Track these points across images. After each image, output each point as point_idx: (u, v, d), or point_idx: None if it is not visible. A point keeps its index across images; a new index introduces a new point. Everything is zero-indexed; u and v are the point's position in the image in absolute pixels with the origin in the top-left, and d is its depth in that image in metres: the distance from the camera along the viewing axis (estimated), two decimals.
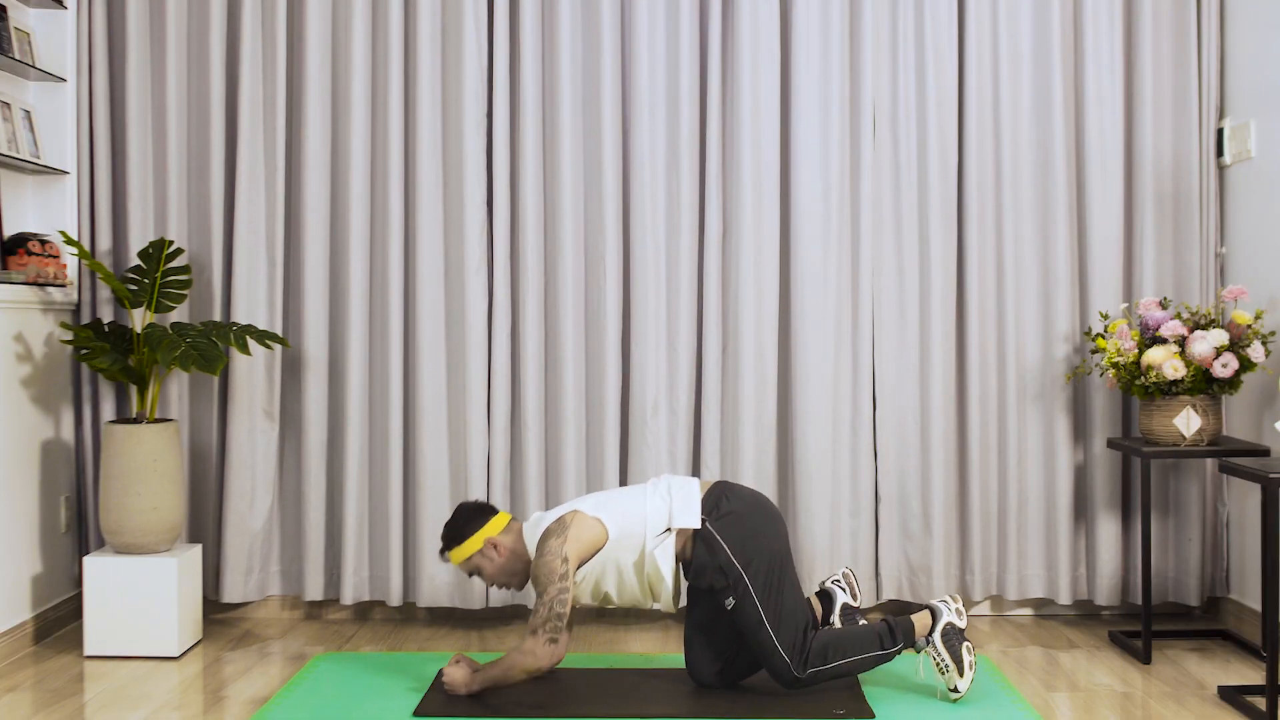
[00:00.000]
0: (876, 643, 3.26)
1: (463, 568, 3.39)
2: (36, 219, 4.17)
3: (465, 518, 3.37)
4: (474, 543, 3.35)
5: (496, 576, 3.38)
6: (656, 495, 3.30)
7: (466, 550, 3.35)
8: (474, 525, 3.36)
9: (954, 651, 3.26)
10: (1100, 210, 4.16)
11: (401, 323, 4.19)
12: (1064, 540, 4.17)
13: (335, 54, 4.20)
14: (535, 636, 3.16)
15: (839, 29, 4.15)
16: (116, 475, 3.78)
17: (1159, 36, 4.17)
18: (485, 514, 3.38)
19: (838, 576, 3.49)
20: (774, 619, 3.19)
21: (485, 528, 3.36)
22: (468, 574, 3.45)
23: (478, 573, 3.39)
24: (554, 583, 3.16)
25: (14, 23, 4.01)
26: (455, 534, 3.36)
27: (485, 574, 3.38)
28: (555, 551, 3.18)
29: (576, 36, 4.15)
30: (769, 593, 3.20)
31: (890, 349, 4.18)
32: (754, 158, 4.13)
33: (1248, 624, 3.97)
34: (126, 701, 3.37)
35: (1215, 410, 3.78)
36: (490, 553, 3.36)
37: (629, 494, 3.33)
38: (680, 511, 3.24)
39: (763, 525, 3.26)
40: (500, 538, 3.36)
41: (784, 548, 3.28)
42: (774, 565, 3.23)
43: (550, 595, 3.15)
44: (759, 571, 3.20)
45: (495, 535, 3.36)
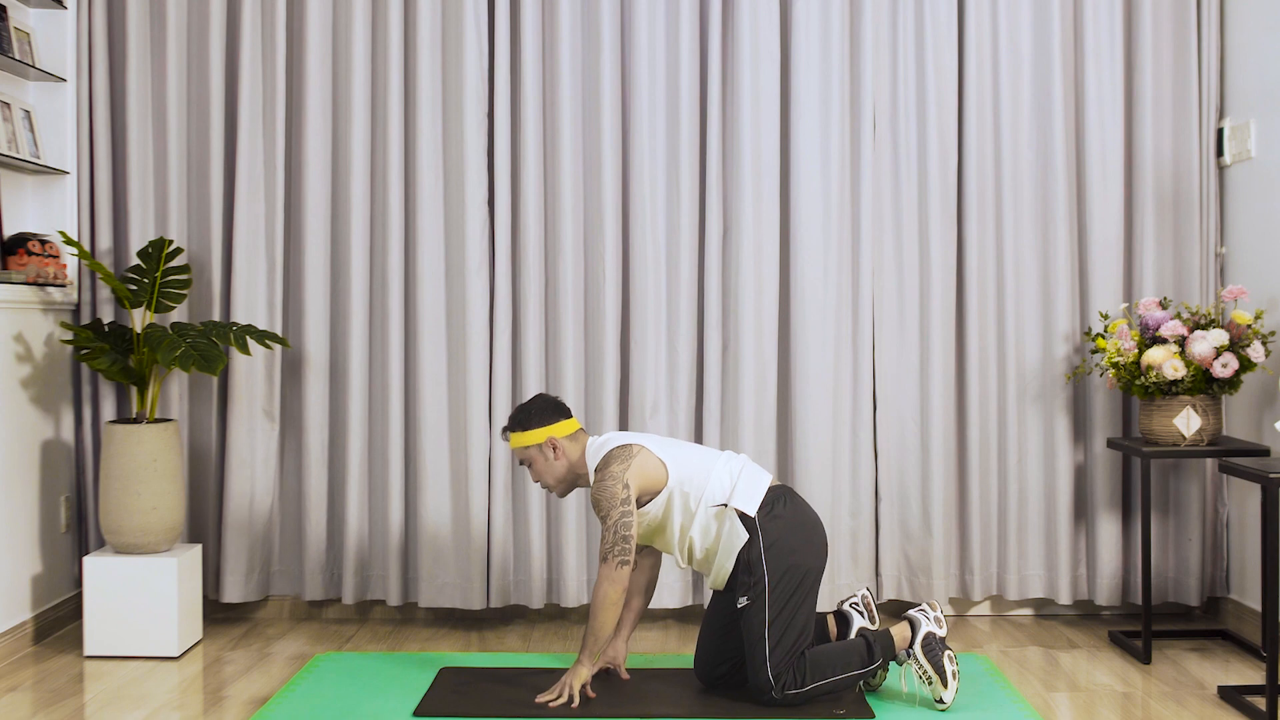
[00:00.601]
0: (855, 660, 3.24)
1: (517, 454, 3.38)
2: (36, 219, 4.17)
3: (538, 409, 3.36)
4: (537, 435, 3.33)
5: (543, 475, 3.37)
6: (725, 467, 3.28)
7: (527, 439, 3.33)
8: (543, 419, 3.34)
9: (935, 661, 3.24)
10: (1100, 210, 4.16)
11: (402, 322, 4.19)
12: (1064, 540, 4.17)
13: (335, 54, 4.20)
14: (608, 562, 3.15)
15: (839, 29, 4.15)
16: (116, 475, 3.78)
17: (1159, 36, 4.17)
18: (558, 413, 3.36)
19: (855, 599, 3.47)
20: (776, 635, 3.16)
21: (553, 426, 3.34)
22: (519, 461, 3.43)
23: (529, 464, 3.37)
24: (616, 507, 3.16)
25: (14, 23, 4.01)
26: (523, 420, 3.35)
27: (535, 468, 3.37)
28: (617, 476, 3.18)
29: (576, 36, 4.15)
30: (784, 608, 3.17)
31: (890, 349, 4.18)
32: (754, 158, 4.13)
33: (1248, 624, 3.97)
34: (126, 701, 3.37)
35: (1215, 410, 3.78)
36: (548, 451, 3.34)
37: (699, 452, 3.32)
38: (742, 494, 3.23)
39: (806, 541, 3.24)
40: (563, 442, 3.34)
41: (817, 569, 3.25)
42: (801, 583, 3.20)
43: (614, 519, 3.15)
44: (784, 584, 3.18)
45: (559, 438, 3.34)
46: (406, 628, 4.20)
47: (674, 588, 4.13)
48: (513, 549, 4.18)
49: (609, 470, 3.20)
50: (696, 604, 4.22)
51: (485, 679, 3.50)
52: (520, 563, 4.17)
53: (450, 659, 3.75)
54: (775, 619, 3.16)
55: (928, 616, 3.30)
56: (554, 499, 4.16)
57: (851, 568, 4.15)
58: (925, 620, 3.29)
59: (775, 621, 3.16)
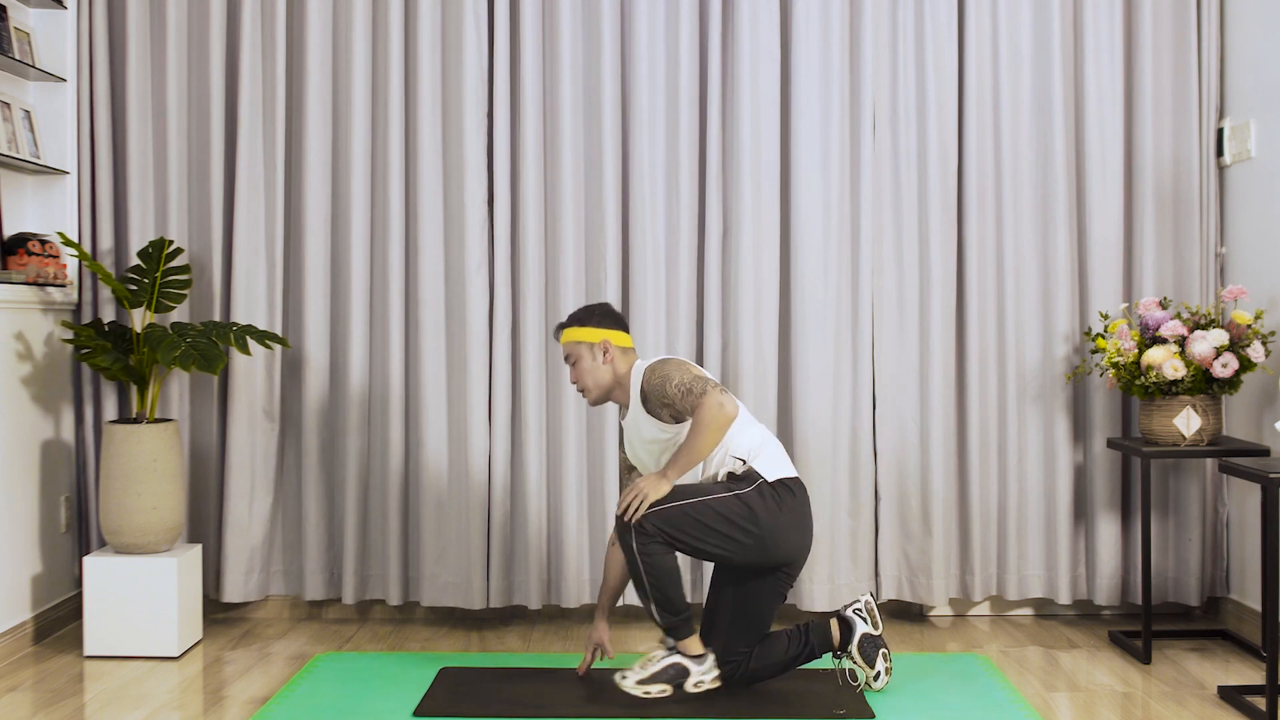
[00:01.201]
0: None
1: (566, 348, 3.39)
2: (36, 219, 4.17)
3: (603, 311, 3.39)
4: (593, 334, 3.34)
5: (585, 375, 3.36)
6: (762, 431, 3.32)
7: (582, 335, 3.35)
8: (605, 322, 3.37)
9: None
10: (1100, 210, 4.16)
11: (402, 322, 4.19)
12: (1064, 540, 4.17)
13: (335, 54, 4.20)
14: (707, 394, 3.17)
15: (839, 29, 4.15)
16: (116, 475, 3.78)
17: (1159, 36, 4.17)
18: (619, 324, 3.39)
19: (859, 605, 3.43)
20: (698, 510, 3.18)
21: (611, 332, 3.36)
22: (564, 356, 3.42)
23: (575, 361, 3.37)
24: (687, 371, 3.22)
25: (14, 23, 4.01)
26: (584, 317, 3.38)
27: (579, 367, 3.37)
28: (679, 365, 3.25)
29: (577, 37, 4.15)
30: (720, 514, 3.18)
31: (890, 349, 4.18)
32: (754, 158, 4.13)
33: (1248, 624, 3.97)
34: (126, 701, 3.37)
35: (1215, 410, 3.78)
36: (599, 353, 3.35)
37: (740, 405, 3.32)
38: (766, 460, 3.25)
39: (793, 526, 3.24)
40: (616, 349, 3.36)
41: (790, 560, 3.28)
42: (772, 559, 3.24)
43: (691, 375, 3.21)
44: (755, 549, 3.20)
45: (614, 344, 3.35)
46: (406, 628, 4.20)
47: None
48: (513, 549, 4.18)
49: (667, 363, 3.25)
50: (695, 603, 4.21)
51: (485, 679, 3.50)
52: (520, 563, 4.17)
53: (450, 659, 3.75)
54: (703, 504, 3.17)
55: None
56: (554, 499, 4.16)
57: (851, 568, 4.15)
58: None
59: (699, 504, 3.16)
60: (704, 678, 3.27)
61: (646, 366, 3.32)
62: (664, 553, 3.17)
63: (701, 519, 3.17)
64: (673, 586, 3.20)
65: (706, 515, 3.17)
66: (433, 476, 4.14)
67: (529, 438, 4.13)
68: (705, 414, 3.16)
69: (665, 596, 3.20)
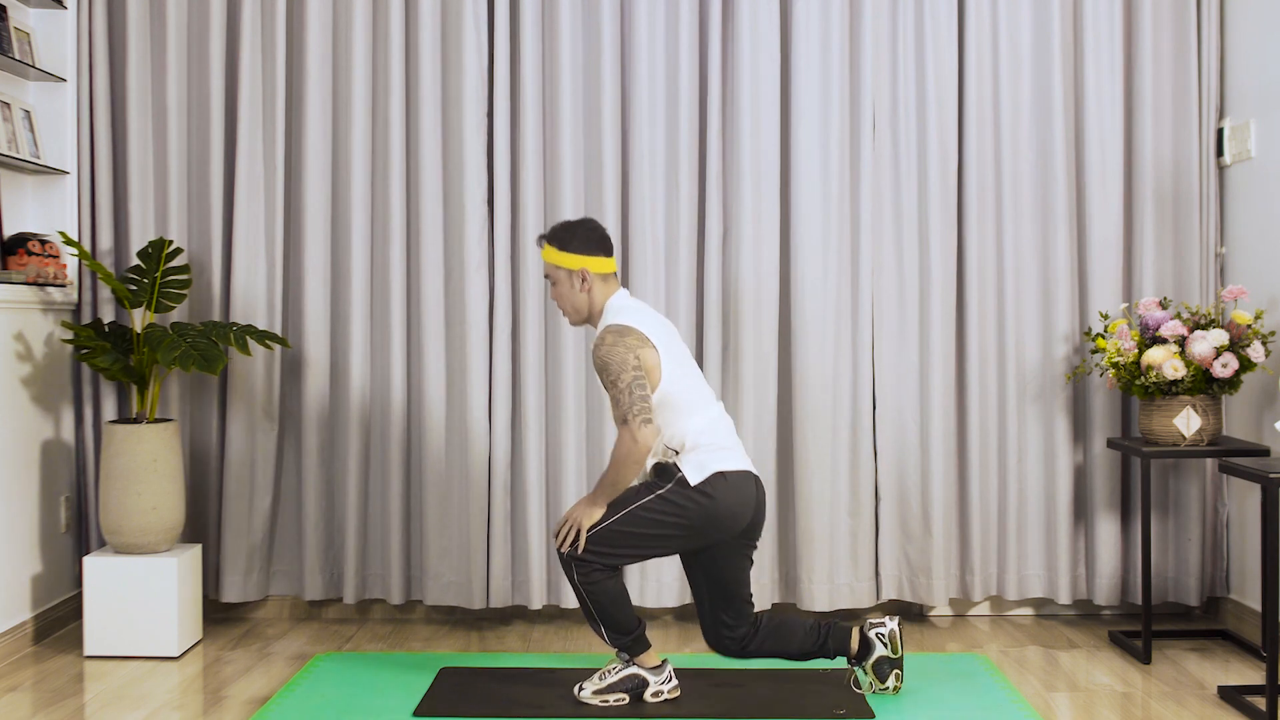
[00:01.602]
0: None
1: (546, 267, 3.33)
2: (36, 219, 4.17)
3: (584, 235, 3.29)
4: (572, 260, 3.27)
5: (562, 298, 3.32)
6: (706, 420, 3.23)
7: (561, 260, 3.27)
8: (586, 247, 3.28)
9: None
10: (1100, 210, 4.16)
11: (402, 322, 4.19)
12: (1064, 540, 4.17)
13: (335, 54, 4.20)
14: (629, 424, 3.10)
15: (839, 29, 4.15)
16: (116, 475, 3.78)
17: (1159, 36, 4.17)
18: (602, 249, 3.29)
19: (884, 631, 3.34)
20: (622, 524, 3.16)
21: (592, 259, 3.27)
22: (545, 275, 3.38)
23: (553, 281, 3.32)
24: (626, 370, 3.11)
25: (14, 23, 4.01)
26: (564, 239, 3.29)
27: (557, 288, 3.32)
28: (630, 348, 3.13)
29: (576, 36, 4.15)
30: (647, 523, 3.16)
31: (890, 349, 4.18)
32: (754, 158, 4.13)
33: (1248, 624, 3.97)
34: (126, 702, 3.37)
35: (1215, 410, 3.78)
36: (576, 280, 3.28)
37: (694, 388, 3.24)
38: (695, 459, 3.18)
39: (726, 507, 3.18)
40: (595, 278, 3.28)
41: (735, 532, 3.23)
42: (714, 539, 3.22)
43: (627, 381, 3.11)
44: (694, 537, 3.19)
45: (593, 273, 3.29)
46: (406, 628, 4.20)
47: (673, 587, 4.13)
48: (512, 549, 4.17)
49: (623, 340, 3.14)
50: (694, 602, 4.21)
51: (485, 679, 3.51)
52: (520, 563, 4.17)
53: (450, 659, 3.75)
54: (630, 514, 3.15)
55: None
56: (554, 498, 4.16)
57: (851, 568, 4.15)
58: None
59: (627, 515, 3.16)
60: (662, 688, 3.29)
61: (599, 334, 3.20)
62: (606, 578, 3.19)
63: (634, 529, 3.16)
64: (620, 610, 3.23)
65: (637, 524, 3.17)
66: (433, 476, 4.14)
67: (529, 437, 4.13)
68: (619, 450, 3.13)
69: (614, 620, 3.23)
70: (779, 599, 4.21)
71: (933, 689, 3.43)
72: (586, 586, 3.18)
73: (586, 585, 3.18)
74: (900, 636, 3.33)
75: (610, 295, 3.31)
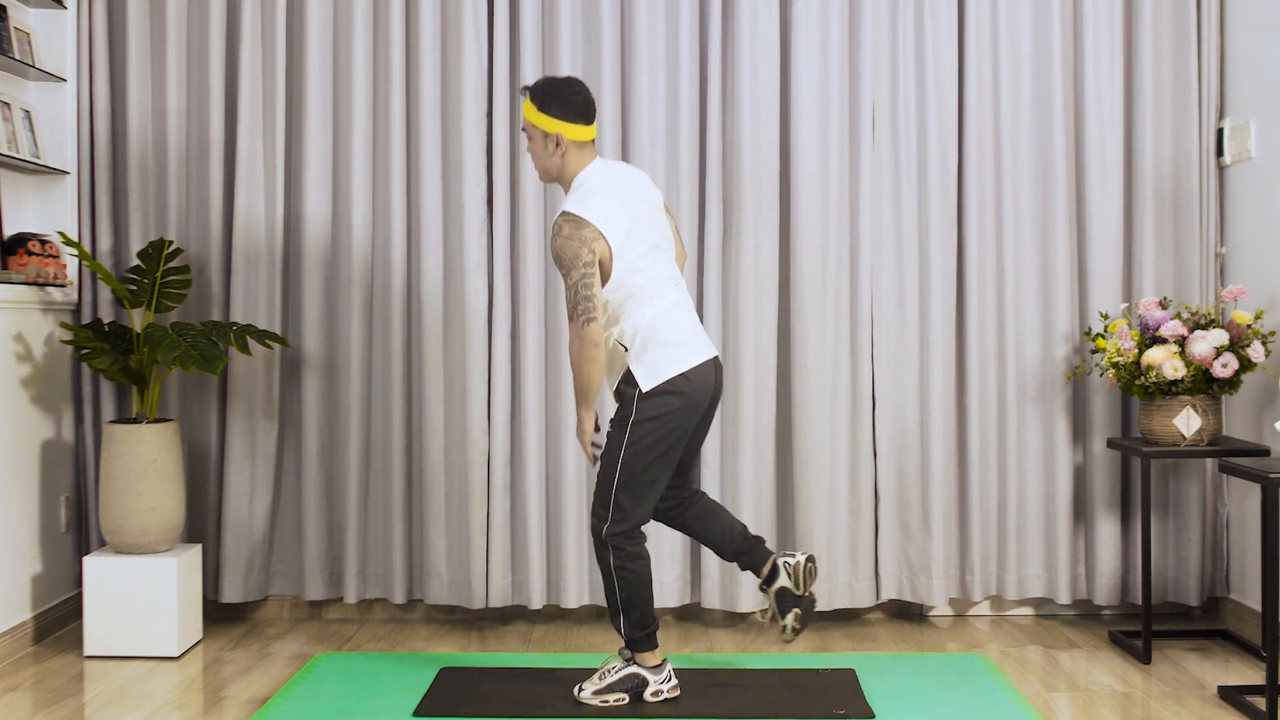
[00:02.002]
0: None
1: (524, 122, 3.29)
2: (36, 219, 4.17)
3: (563, 98, 3.23)
4: (548, 123, 3.23)
5: (536, 155, 3.30)
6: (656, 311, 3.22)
7: (538, 120, 3.24)
8: (563, 112, 3.22)
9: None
10: (1100, 210, 4.16)
11: (402, 321, 4.19)
12: (1063, 540, 4.17)
13: (335, 54, 4.20)
14: (574, 321, 3.14)
15: (839, 29, 4.15)
16: (116, 475, 3.78)
17: (1159, 36, 4.17)
18: (581, 115, 3.23)
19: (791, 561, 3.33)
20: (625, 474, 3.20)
21: (567, 126, 3.22)
22: (522, 128, 3.35)
23: (529, 138, 3.29)
24: (577, 267, 3.11)
25: (14, 23, 4.01)
26: (544, 100, 3.23)
27: (532, 144, 3.29)
28: (584, 241, 3.11)
29: (576, 37, 4.15)
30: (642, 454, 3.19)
31: (890, 348, 4.18)
32: (754, 158, 4.12)
33: (1248, 624, 3.97)
34: (126, 701, 3.37)
35: (1215, 410, 3.78)
36: (550, 144, 3.24)
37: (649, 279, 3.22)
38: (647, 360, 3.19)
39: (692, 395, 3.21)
40: (569, 145, 3.24)
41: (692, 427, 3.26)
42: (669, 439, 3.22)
43: (575, 279, 3.11)
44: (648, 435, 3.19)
45: (567, 139, 3.23)
46: (407, 628, 4.20)
47: (673, 586, 4.13)
48: (512, 548, 4.18)
49: (579, 233, 3.12)
50: (694, 602, 4.22)
51: (485, 679, 3.51)
52: (520, 563, 4.17)
53: (450, 659, 3.75)
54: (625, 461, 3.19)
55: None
56: (554, 498, 4.16)
57: (851, 567, 4.15)
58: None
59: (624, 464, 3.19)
60: (662, 687, 3.30)
61: (557, 219, 3.17)
62: (639, 561, 3.22)
63: (637, 469, 3.19)
64: (646, 601, 3.26)
65: (637, 463, 3.19)
66: (433, 476, 4.14)
67: (529, 437, 4.13)
68: (571, 351, 3.17)
69: (638, 612, 3.26)
70: None
71: (933, 689, 3.43)
72: (620, 573, 3.21)
73: (620, 571, 3.21)
74: (806, 573, 3.32)
75: (584, 165, 3.28)
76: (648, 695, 3.29)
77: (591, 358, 3.14)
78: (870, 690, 3.41)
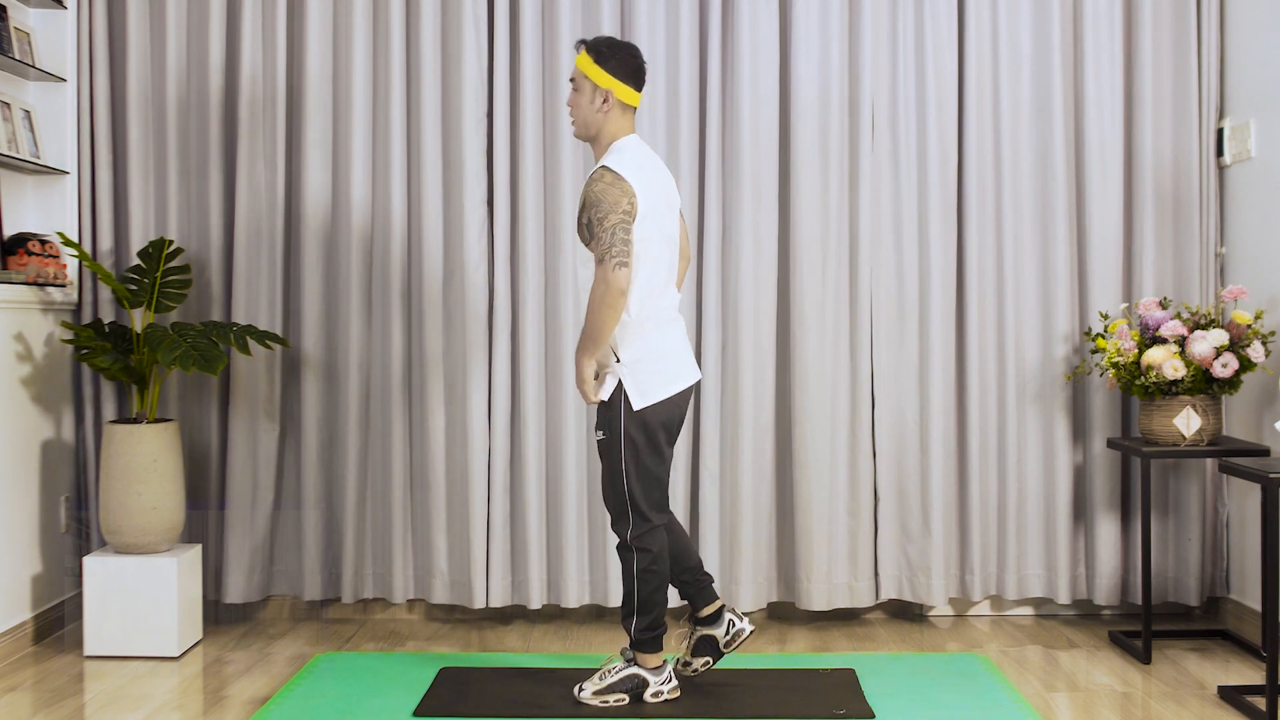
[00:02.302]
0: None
1: (574, 72, 3.27)
2: (36, 219, 4.17)
3: (623, 59, 3.23)
4: (602, 77, 3.21)
5: (577, 108, 3.26)
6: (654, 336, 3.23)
7: (592, 72, 3.22)
8: (619, 71, 3.22)
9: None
10: (1100, 210, 4.16)
11: (402, 321, 4.19)
12: (1063, 540, 4.17)
13: (335, 54, 4.20)
14: (604, 264, 3.09)
15: (839, 29, 4.15)
16: (116, 475, 3.78)
17: (1159, 37, 4.17)
18: (634, 80, 3.25)
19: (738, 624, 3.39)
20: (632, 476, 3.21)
21: (618, 84, 3.22)
22: (570, 78, 3.34)
23: (575, 88, 3.27)
24: (615, 212, 3.09)
25: (14, 23, 4.01)
26: (605, 55, 3.22)
27: (577, 97, 3.26)
28: (624, 193, 3.11)
29: (577, 36, 4.15)
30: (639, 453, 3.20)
31: (889, 348, 4.18)
32: (753, 157, 4.12)
33: (1248, 624, 3.97)
34: (126, 702, 3.37)
35: (1215, 410, 3.78)
36: (598, 99, 3.23)
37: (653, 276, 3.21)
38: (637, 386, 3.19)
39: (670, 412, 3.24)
40: (616, 104, 3.23)
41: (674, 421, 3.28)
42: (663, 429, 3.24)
43: (613, 222, 3.09)
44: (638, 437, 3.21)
45: (617, 98, 3.23)
46: (406, 627, 4.20)
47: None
48: (512, 548, 4.18)
49: (620, 184, 3.11)
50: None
51: (485, 679, 3.51)
52: (520, 562, 4.17)
53: (450, 659, 3.75)
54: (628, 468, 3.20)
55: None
56: (554, 498, 4.16)
57: (850, 567, 4.15)
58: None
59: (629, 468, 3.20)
60: (662, 688, 3.31)
61: (599, 168, 3.17)
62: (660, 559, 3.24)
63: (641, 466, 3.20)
64: (662, 602, 3.28)
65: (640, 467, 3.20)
66: (433, 476, 4.14)
67: (528, 437, 4.13)
68: (593, 293, 3.12)
69: (652, 612, 3.27)
70: (777, 598, 4.21)
71: (933, 689, 3.43)
72: (644, 576, 3.23)
73: (645, 575, 3.23)
74: (738, 644, 3.38)
75: (624, 131, 3.28)
76: (648, 696, 3.29)
77: (613, 303, 3.11)
78: (870, 690, 3.41)
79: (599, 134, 3.27)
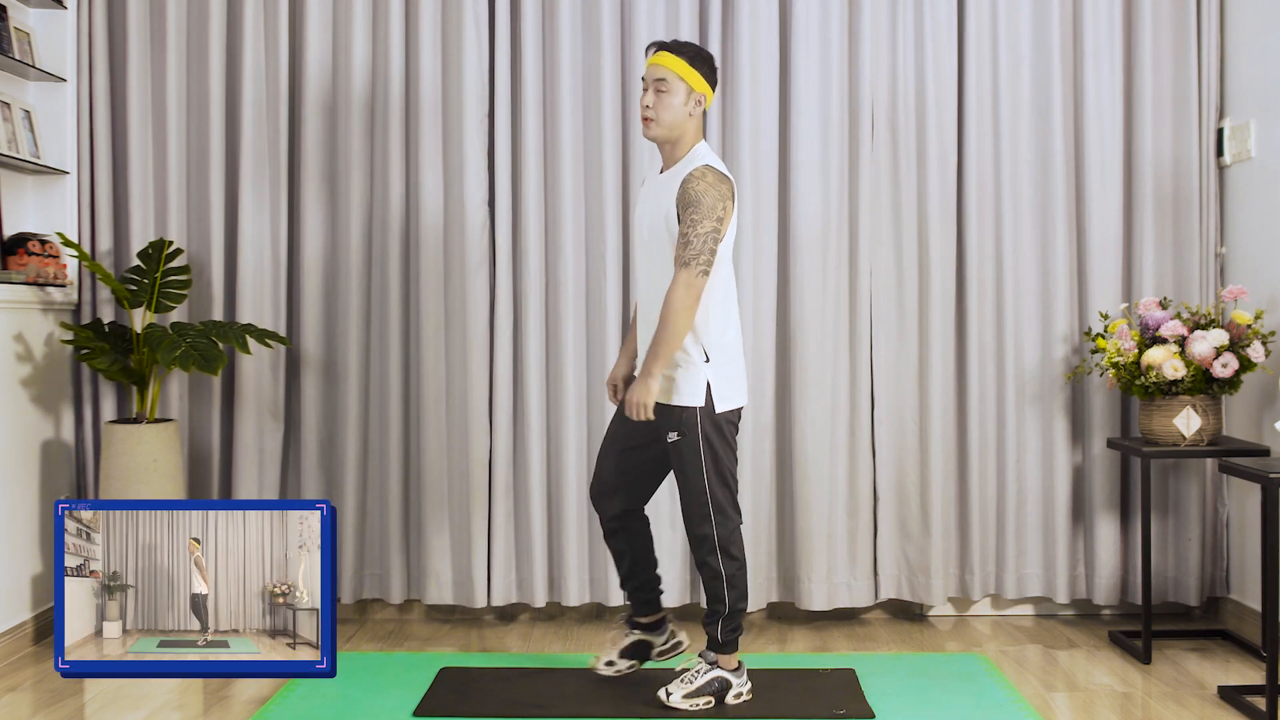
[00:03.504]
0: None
1: (662, 71, 3.18)
2: (36, 219, 4.17)
3: (711, 65, 3.23)
4: (698, 81, 3.19)
5: (665, 110, 3.18)
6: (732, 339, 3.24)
7: (688, 75, 3.18)
8: (709, 75, 3.22)
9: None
10: (1100, 210, 4.16)
11: (403, 322, 4.19)
12: (1063, 540, 4.17)
13: (335, 53, 4.20)
14: (689, 268, 3.05)
15: (838, 29, 4.15)
16: (116, 475, 3.78)
17: (1159, 37, 4.17)
18: (715, 87, 3.26)
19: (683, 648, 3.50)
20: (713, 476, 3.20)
21: (709, 91, 3.21)
22: (655, 78, 3.19)
23: (663, 88, 3.18)
24: (712, 217, 3.06)
25: (14, 23, 4.01)
26: (698, 59, 3.20)
27: (665, 96, 3.18)
28: (724, 197, 3.10)
29: (577, 36, 4.15)
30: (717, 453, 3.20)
31: (889, 348, 4.18)
32: (753, 157, 4.12)
33: (1248, 624, 3.97)
34: (126, 702, 3.37)
35: (1215, 410, 3.78)
36: (691, 101, 3.18)
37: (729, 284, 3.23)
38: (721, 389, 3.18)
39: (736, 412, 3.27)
40: (700, 112, 3.21)
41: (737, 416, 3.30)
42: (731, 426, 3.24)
43: (707, 229, 3.06)
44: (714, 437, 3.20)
45: (706, 103, 3.22)
46: (406, 628, 4.20)
47: (673, 586, 4.13)
48: (514, 548, 4.17)
49: (722, 187, 3.10)
50: (694, 601, 4.22)
51: (485, 679, 3.51)
52: (521, 562, 4.17)
53: (450, 659, 3.75)
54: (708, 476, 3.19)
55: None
56: (556, 498, 4.16)
57: (850, 567, 4.15)
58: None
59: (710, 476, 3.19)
60: (743, 689, 3.30)
61: (701, 166, 3.13)
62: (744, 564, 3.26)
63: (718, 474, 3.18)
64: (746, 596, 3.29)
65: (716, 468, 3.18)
66: (434, 476, 4.14)
67: (530, 437, 4.13)
68: (672, 296, 3.07)
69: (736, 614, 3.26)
70: (776, 598, 4.21)
71: (932, 689, 3.44)
72: (734, 580, 3.23)
73: (734, 580, 3.23)
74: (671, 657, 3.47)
75: (700, 138, 3.26)
76: (730, 698, 3.28)
77: (692, 308, 3.08)
78: (870, 690, 3.41)
79: (682, 136, 3.23)
